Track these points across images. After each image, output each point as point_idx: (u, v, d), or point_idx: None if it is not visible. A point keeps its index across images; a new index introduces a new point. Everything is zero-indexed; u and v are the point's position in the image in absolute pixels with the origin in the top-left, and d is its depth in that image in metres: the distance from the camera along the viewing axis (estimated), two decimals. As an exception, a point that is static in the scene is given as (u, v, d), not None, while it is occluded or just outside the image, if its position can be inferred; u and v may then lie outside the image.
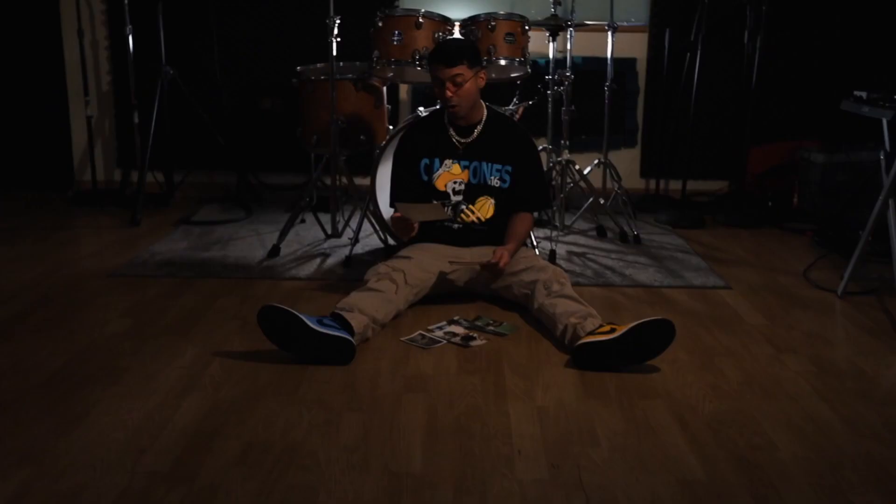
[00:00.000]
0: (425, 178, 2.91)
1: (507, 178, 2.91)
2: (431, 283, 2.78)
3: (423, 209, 2.77)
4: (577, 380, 2.27)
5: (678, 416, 2.06)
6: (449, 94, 2.76)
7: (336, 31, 3.28)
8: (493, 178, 2.90)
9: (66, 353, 2.38)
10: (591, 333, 2.37)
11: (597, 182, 4.01)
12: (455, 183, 2.91)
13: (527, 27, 3.33)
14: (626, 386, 2.23)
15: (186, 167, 4.39)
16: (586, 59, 4.32)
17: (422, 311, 2.74)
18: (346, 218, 3.58)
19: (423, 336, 2.54)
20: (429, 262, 2.79)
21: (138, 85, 4.15)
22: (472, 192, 2.91)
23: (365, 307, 2.49)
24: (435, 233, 2.92)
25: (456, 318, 2.70)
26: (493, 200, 2.91)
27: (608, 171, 3.92)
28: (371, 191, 3.29)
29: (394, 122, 3.67)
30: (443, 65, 2.76)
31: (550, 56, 3.78)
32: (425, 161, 2.91)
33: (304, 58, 3.75)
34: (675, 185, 4.58)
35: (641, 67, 4.48)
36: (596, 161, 3.90)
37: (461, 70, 2.76)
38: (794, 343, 2.58)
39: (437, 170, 2.91)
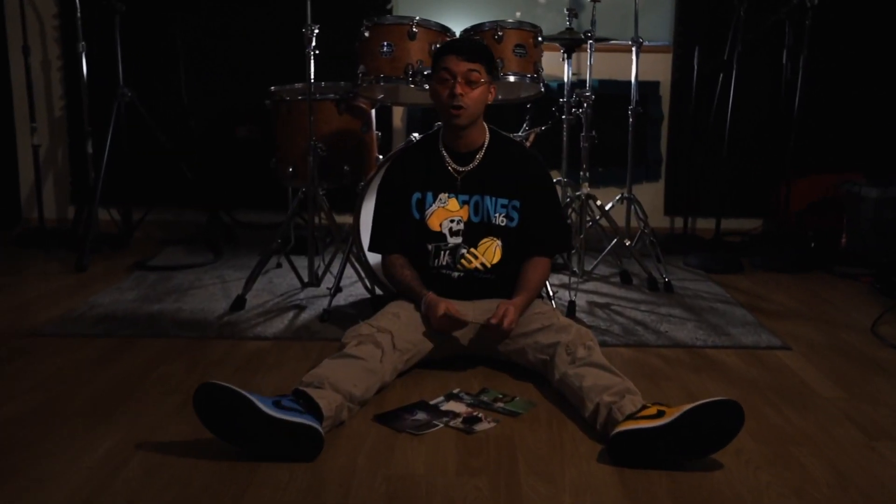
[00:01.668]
0: (417, 215, 2.39)
1: (515, 214, 2.38)
2: (427, 348, 2.23)
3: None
4: (614, 480, 1.71)
5: (758, 538, 1.50)
6: (459, 90, 2.25)
7: (314, 43, 2.78)
8: (497, 215, 2.37)
9: (-54, 442, 1.82)
10: (633, 417, 1.81)
11: (617, 221, 3.47)
12: (452, 222, 2.38)
13: (539, 38, 2.84)
14: (681, 489, 1.67)
15: (148, 203, 3.87)
16: (603, 83, 3.84)
17: (413, 382, 2.19)
18: (326, 263, 3.04)
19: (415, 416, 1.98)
20: (423, 319, 2.25)
21: (94, 110, 3.65)
22: (474, 232, 2.37)
23: (339, 381, 1.93)
24: (430, 283, 2.38)
25: (456, 390, 2.14)
26: (499, 242, 2.38)
27: (633, 207, 3.38)
28: (354, 231, 2.76)
29: (385, 151, 3.15)
30: (460, 56, 2.26)
31: (565, 77, 3.29)
32: (417, 196, 2.39)
33: (288, 79, 3.23)
34: (702, 223, 4.07)
35: (665, 91, 4.00)
36: (619, 196, 3.38)
37: (478, 68, 2.27)
38: (886, 424, 2.02)
39: (431, 205, 2.38)
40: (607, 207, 3.28)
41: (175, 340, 2.51)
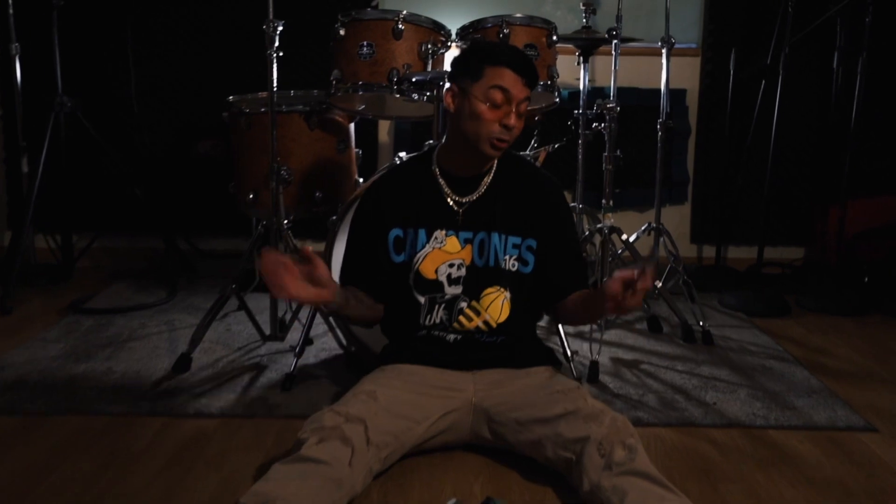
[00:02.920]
0: (398, 258, 1.86)
1: (530, 257, 1.85)
2: (412, 438, 1.71)
3: None
4: None
5: None
6: (514, 122, 1.73)
7: (277, 43, 2.26)
8: (508, 257, 1.85)
9: None
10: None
11: (639, 250, 2.94)
12: (451, 266, 1.85)
13: (554, 37, 2.33)
14: None
15: (95, 229, 3.34)
16: (621, 91, 3.31)
17: (394, 486, 1.66)
18: (293, 309, 2.50)
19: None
20: (408, 401, 1.73)
21: (31, 122, 3.14)
22: (477, 280, 1.85)
23: (292, 502, 1.40)
24: (420, 349, 1.85)
25: (452, 501, 1.61)
26: (507, 294, 1.85)
27: (662, 239, 2.85)
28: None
29: (368, 173, 2.62)
30: (524, 79, 1.74)
31: (581, 84, 2.78)
32: (396, 233, 1.86)
33: (257, 88, 2.68)
34: (734, 251, 3.56)
35: (693, 100, 3.49)
36: (645, 226, 2.85)
37: (530, 96, 1.78)
38: None
39: (423, 246, 1.85)
40: (631, 239, 2.76)
41: (94, 419, 1.96)
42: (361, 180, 2.58)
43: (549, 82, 2.32)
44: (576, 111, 2.78)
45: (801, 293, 3.15)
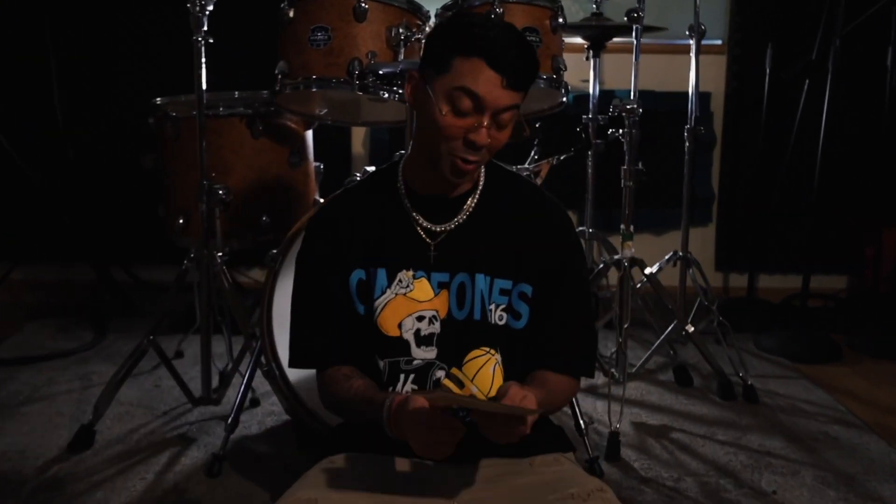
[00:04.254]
0: (361, 309, 1.35)
1: (524, 308, 1.33)
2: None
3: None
4: None
5: None
6: (484, 139, 1.22)
7: (206, 27, 1.78)
8: (493, 306, 1.33)
9: None
10: None
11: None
12: (420, 320, 1.34)
13: (560, 19, 1.84)
14: None
15: (13, 258, 2.84)
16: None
17: None
18: (233, 360, 1.98)
19: None
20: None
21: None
22: (458, 338, 1.33)
23: None
24: (379, 428, 1.35)
25: None
26: (498, 357, 1.34)
27: (690, 271, 2.35)
28: (264, 321, 1.71)
29: (332, 192, 2.12)
30: (506, 79, 1.21)
31: (591, 84, 2.31)
32: (359, 275, 1.35)
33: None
34: (766, 280, 3.07)
35: (717, 105, 3.01)
36: (669, 254, 2.35)
37: (519, 102, 1.24)
38: None
39: (383, 292, 1.34)
40: (653, 270, 2.26)
41: (-54, 524, 1.47)
42: (322, 201, 2.09)
43: (554, 76, 1.83)
44: (584, 116, 2.30)
45: (851, 332, 2.66)
